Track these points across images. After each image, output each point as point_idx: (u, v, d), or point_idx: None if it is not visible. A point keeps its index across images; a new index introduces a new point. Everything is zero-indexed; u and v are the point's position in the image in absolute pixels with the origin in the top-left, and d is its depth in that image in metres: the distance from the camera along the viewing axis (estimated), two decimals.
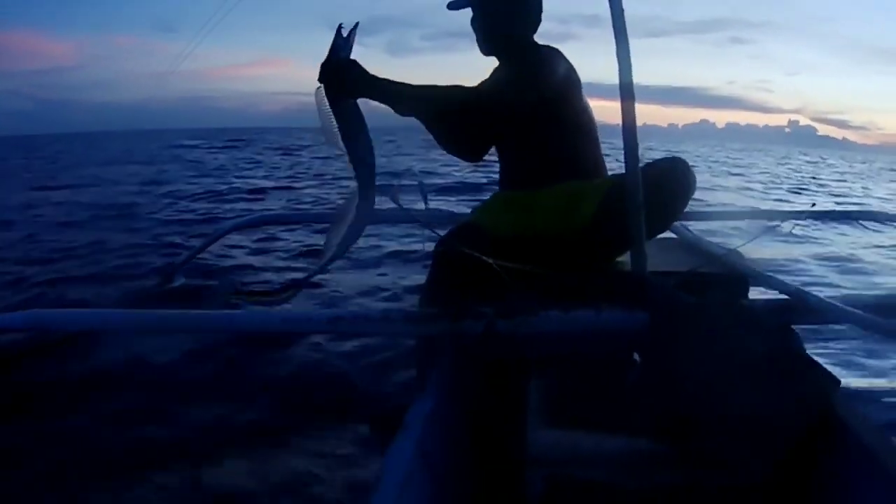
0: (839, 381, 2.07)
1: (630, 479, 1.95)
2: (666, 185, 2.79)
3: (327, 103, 2.50)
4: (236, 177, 21.06)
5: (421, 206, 2.63)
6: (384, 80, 2.55)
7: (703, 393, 2.03)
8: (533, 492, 1.94)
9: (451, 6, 3.06)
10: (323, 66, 2.49)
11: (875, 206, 17.63)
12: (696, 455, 1.97)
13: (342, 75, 2.50)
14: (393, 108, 2.61)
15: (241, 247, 8.33)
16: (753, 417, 1.96)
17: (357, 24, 2.50)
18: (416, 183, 2.44)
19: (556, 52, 3.01)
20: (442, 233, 2.77)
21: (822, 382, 2.04)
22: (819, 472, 2.01)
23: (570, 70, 3.02)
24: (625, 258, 2.76)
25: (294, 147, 40.31)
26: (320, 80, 2.49)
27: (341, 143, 2.50)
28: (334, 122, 2.50)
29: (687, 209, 3.02)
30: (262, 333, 4.20)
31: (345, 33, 2.49)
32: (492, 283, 2.47)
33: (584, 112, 3.09)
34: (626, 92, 2.53)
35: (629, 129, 2.55)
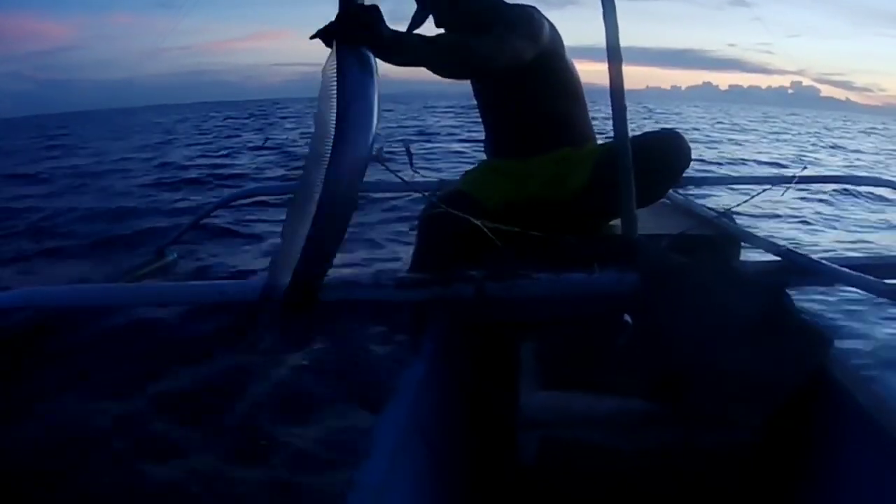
0: (832, 340, 2.06)
1: (623, 440, 1.95)
2: (660, 157, 2.78)
3: (334, 65, 2.02)
4: None
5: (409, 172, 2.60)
6: (400, 31, 2.32)
7: (694, 352, 2.03)
8: (526, 454, 1.94)
9: None
10: (343, 10, 2.09)
11: None
12: (689, 414, 1.97)
13: (367, 20, 2.09)
14: (402, 61, 2.40)
15: (236, 219, 8.32)
16: (746, 376, 1.96)
17: None
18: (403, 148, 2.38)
19: (534, 7, 2.95)
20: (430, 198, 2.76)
21: (815, 341, 2.04)
22: (813, 430, 2.01)
23: (553, 27, 2.96)
24: (615, 222, 2.77)
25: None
26: (337, 29, 2.07)
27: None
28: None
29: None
30: (252, 301, 4.21)
31: None
32: (481, 248, 2.47)
33: (572, 73, 3.06)
34: (614, 54, 2.53)
35: (617, 92, 2.55)
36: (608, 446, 1.94)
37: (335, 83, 2.00)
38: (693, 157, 2.89)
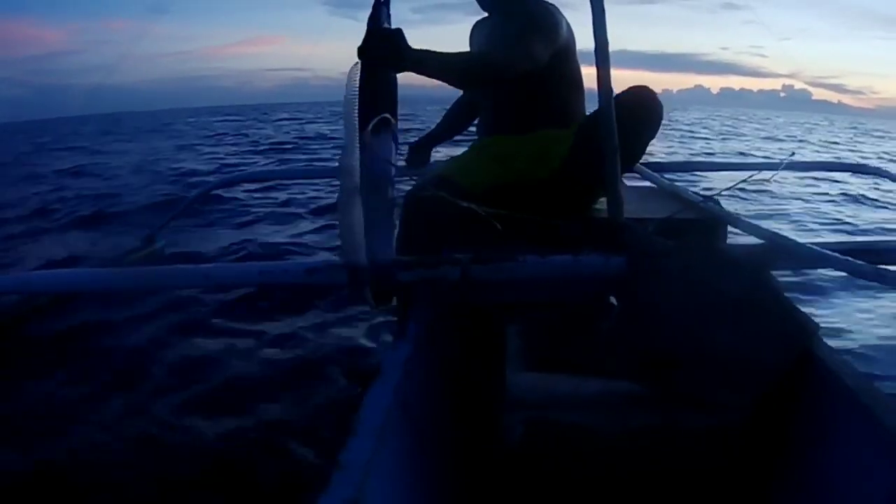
0: (818, 325, 2.07)
1: (609, 421, 1.95)
2: (633, 114, 2.80)
3: (357, 82, 2.32)
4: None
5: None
6: (420, 50, 2.47)
7: (681, 335, 2.04)
8: (511, 435, 1.94)
9: None
10: (371, 33, 2.35)
11: None
12: (675, 396, 1.98)
13: (394, 43, 2.33)
14: (427, 75, 2.58)
15: (224, 205, 8.33)
16: (732, 358, 1.97)
17: None
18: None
19: (554, 6, 3.01)
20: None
21: (801, 325, 2.05)
22: (799, 413, 2.02)
23: (568, 25, 3.04)
24: (602, 205, 2.77)
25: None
26: (367, 48, 2.30)
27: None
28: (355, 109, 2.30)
29: (666, 160, 3.04)
30: (242, 285, 4.24)
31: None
32: (466, 230, 2.47)
33: (578, 65, 3.14)
34: (602, 57, 2.53)
35: (605, 94, 2.56)
36: (594, 428, 1.95)
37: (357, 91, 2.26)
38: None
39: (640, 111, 2.85)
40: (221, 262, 5.62)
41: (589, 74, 2.96)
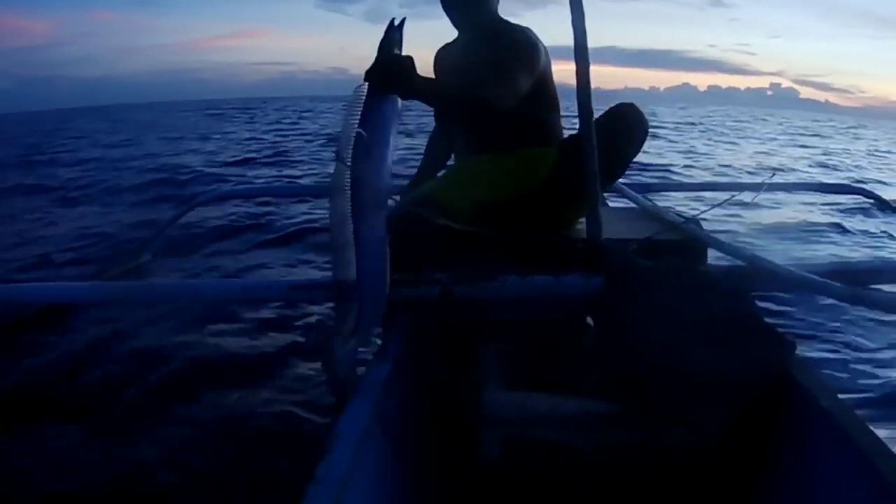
0: (795, 345, 2.09)
1: (586, 439, 1.97)
2: (619, 131, 2.86)
3: (360, 104, 2.27)
4: None
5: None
6: (426, 79, 2.47)
7: (658, 354, 2.05)
8: (489, 452, 1.96)
9: None
10: (382, 60, 2.31)
11: None
12: (652, 415, 2.00)
13: (406, 70, 2.31)
14: (427, 104, 2.62)
15: (209, 220, 8.32)
16: (709, 378, 1.98)
17: (404, 19, 2.42)
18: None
19: (530, 30, 3.04)
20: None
21: (779, 346, 2.07)
22: (774, 433, 2.03)
23: (545, 50, 3.04)
24: (582, 225, 2.80)
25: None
26: (376, 73, 2.28)
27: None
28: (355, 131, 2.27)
29: (648, 181, 3.06)
30: (226, 301, 4.24)
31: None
32: (447, 249, 2.49)
33: (554, 85, 3.15)
34: (581, 55, 2.55)
35: (584, 91, 2.58)
36: (571, 445, 1.96)
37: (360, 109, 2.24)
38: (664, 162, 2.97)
39: (625, 128, 2.91)
40: (206, 279, 5.62)
41: (564, 71, 3.01)
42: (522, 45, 2.90)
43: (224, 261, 6.68)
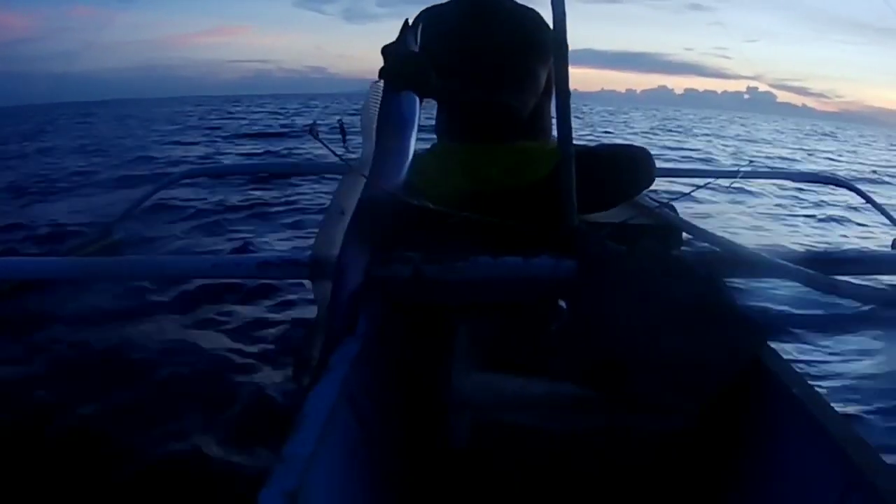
0: (768, 333, 2.09)
1: (555, 423, 1.95)
2: (626, 171, 2.90)
3: (378, 101, 2.33)
4: None
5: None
6: (442, 76, 2.47)
7: (630, 339, 2.05)
8: (458, 434, 1.94)
9: None
10: (398, 57, 2.35)
11: None
12: (623, 399, 1.98)
13: (422, 68, 2.35)
14: (445, 102, 2.63)
15: (182, 200, 8.30)
16: (681, 363, 1.97)
17: (418, 20, 2.43)
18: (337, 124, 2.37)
19: (537, 13, 3.01)
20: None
21: (752, 333, 2.06)
22: (747, 421, 2.03)
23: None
24: None
25: None
26: (393, 71, 2.32)
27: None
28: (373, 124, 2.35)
29: None
30: (195, 277, 4.22)
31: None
32: (419, 229, 2.47)
33: (551, 75, 3.08)
34: (560, 52, 2.53)
35: (562, 86, 2.56)
36: (539, 429, 1.95)
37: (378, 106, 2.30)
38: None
39: (634, 173, 2.95)
40: (175, 255, 5.60)
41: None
42: (541, 40, 2.87)
43: (196, 238, 6.66)
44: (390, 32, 2.39)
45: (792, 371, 1.99)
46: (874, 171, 17.27)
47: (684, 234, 2.89)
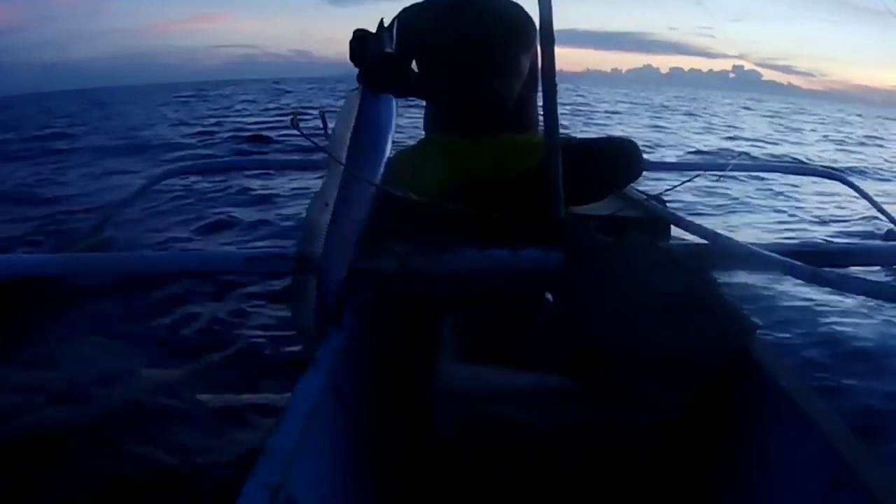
0: (756, 325, 2.09)
1: (542, 416, 1.95)
2: (614, 163, 2.92)
3: (355, 106, 2.33)
4: None
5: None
6: (421, 76, 2.48)
7: (617, 331, 2.04)
8: (444, 427, 1.94)
9: None
10: (375, 61, 2.34)
11: None
12: (610, 392, 1.98)
13: (399, 69, 2.39)
14: (427, 101, 2.64)
15: (172, 195, 8.30)
16: (668, 355, 1.97)
17: (394, 19, 2.44)
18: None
19: (518, 5, 3.04)
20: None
21: (740, 325, 2.06)
22: (735, 413, 2.03)
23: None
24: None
25: None
26: (369, 75, 2.33)
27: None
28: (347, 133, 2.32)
29: None
30: (183, 273, 4.21)
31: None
32: (405, 222, 2.47)
33: (536, 63, 3.07)
34: (547, 36, 2.53)
35: (548, 72, 2.56)
36: (526, 422, 1.95)
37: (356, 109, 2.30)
38: None
39: (622, 165, 2.97)
40: (162, 251, 5.60)
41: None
42: (523, 28, 2.88)
43: (186, 234, 6.65)
44: (375, 16, 2.40)
45: (781, 363, 1.99)
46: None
47: (672, 227, 2.90)
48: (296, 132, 2.25)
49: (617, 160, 2.93)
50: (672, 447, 1.98)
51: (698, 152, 14.81)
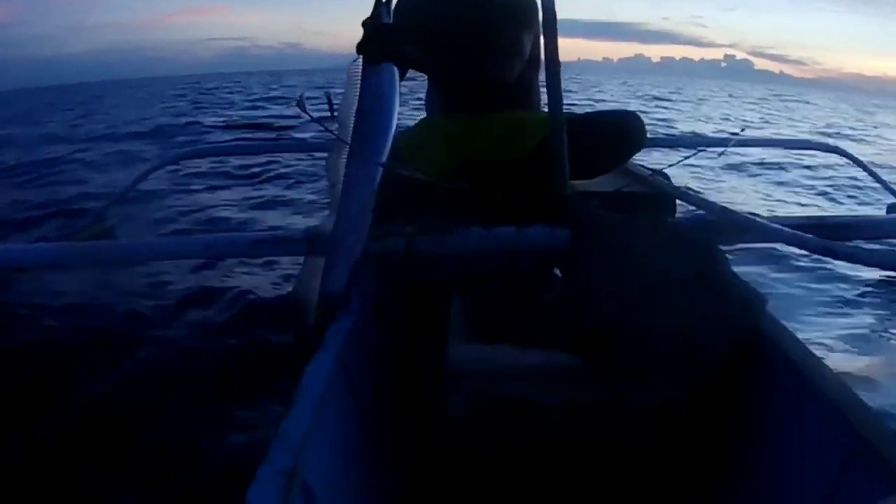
0: (766, 300, 2.06)
1: (551, 395, 1.94)
2: (618, 138, 2.88)
3: (357, 79, 2.28)
4: None
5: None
6: (420, 48, 2.47)
7: (625, 309, 2.02)
8: (454, 407, 1.94)
9: None
10: (372, 30, 2.30)
11: None
12: (618, 371, 1.97)
13: (395, 39, 2.31)
14: (425, 73, 2.70)
15: (176, 181, 8.30)
16: (677, 334, 1.95)
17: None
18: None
19: None
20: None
21: (749, 300, 2.04)
22: (746, 390, 2.00)
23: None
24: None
25: None
26: (367, 44, 2.28)
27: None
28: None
29: None
30: (188, 258, 4.22)
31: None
32: (412, 203, 2.46)
33: (538, 41, 3.04)
34: (549, 25, 2.51)
35: (552, 56, 2.54)
36: (535, 400, 1.94)
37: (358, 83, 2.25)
38: None
39: (625, 137, 2.93)
40: (166, 237, 5.61)
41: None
42: (525, 10, 2.87)
43: (191, 219, 6.66)
44: (367, 8, 2.37)
45: (791, 337, 1.95)
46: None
47: (678, 202, 2.88)
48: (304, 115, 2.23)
49: (619, 132, 2.91)
50: (681, 427, 1.96)
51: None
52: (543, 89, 2.89)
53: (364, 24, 2.35)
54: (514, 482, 2.00)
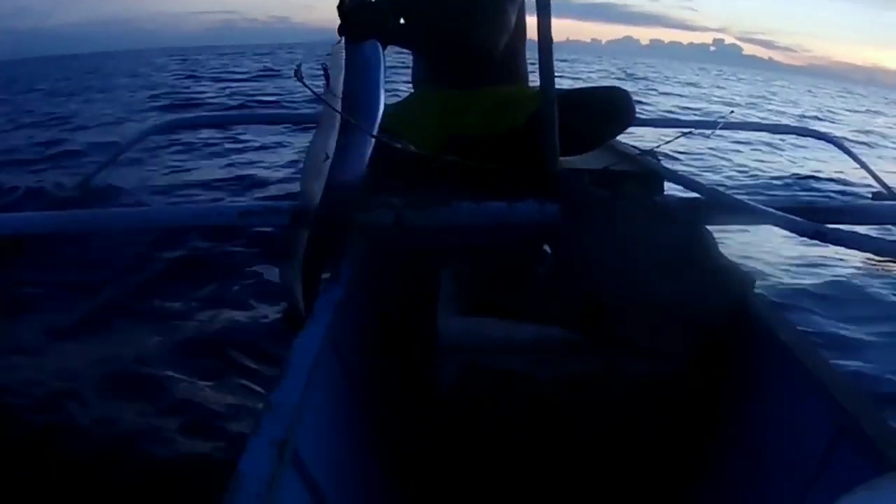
0: (754, 280, 2.07)
1: (541, 368, 1.95)
2: (606, 114, 2.87)
3: (342, 60, 2.31)
4: None
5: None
6: (400, 21, 2.47)
7: (613, 283, 2.03)
8: (444, 379, 1.94)
9: None
10: (351, 9, 2.33)
11: None
12: (608, 344, 1.98)
13: (373, 13, 2.36)
14: (408, 47, 2.73)
15: (161, 150, 8.28)
16: (666, 308, 1.96)
17: None
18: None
19: None
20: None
21: (736, 277, 2.05)
22: (734, 368, 2.02)
23: None
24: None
25: None
26: (348, 24, 2.32)
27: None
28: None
29: None
30: (176, 227, 4.21)
31: None
32: (402, 176, 2.46)
33: (524, 12, 3.09)
34: (543, 5, 2.51)
35: (544, 34, 2.54)
36: (526, 373, 1.94)
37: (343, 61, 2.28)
38: None
39: (614, 113, 2.91)
40: (153, 206, 5.59)
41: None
42: None
43: (178, 189, 6.64)
44: None
45: (780, 317, 1.97)
46: None
47: (666, 182, 2.89)
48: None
49: (608, 108, 2.90)
50: (673, 401, 1.98)
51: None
52: (531, 66, 2.91)
53: (339, 6, 2.34)
54: (505, 454, 2.02)
